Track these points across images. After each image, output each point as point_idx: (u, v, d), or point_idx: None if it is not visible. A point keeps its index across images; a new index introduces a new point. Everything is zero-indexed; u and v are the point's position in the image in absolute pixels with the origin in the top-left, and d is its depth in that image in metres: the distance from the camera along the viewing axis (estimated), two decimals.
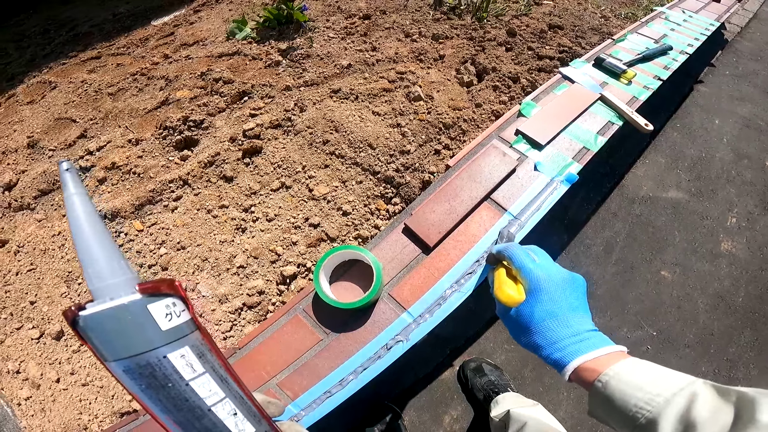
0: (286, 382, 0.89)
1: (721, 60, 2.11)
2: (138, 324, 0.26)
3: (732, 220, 1.65)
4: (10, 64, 2.40)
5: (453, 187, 1.06)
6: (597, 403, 0.47)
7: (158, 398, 0.26)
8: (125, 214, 1.24)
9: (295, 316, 0.94)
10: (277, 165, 1.24)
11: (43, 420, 1.11)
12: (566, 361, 0.49)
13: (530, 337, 0.53)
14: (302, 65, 1.60)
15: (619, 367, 0.45)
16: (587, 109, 1.33)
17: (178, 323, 0.27)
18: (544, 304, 0.53)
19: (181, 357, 0.27)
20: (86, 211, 0.27)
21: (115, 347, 0.25)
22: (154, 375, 0.26)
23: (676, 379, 0.43)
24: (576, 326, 0.51)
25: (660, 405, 0.40)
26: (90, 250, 0.26)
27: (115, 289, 0.26)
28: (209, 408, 0.28)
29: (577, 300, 0.54)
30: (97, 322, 0.24)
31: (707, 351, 1.37)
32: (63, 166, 0.29)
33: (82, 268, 0.26)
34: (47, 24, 2.74)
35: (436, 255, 0.97)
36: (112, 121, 1.57)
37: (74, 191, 0.28)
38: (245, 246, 1.10)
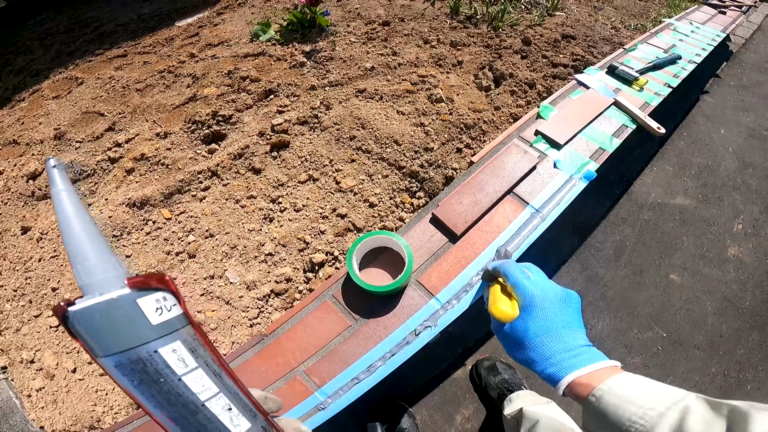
0: (314, 368, 0.90)
1: (726, 71, 2.17)
2: (128, 318, 0.25)
3: (738, 226, 1.68)
4: (34, 60, 2.44)
5: (478, 180, 1.09)
6: (591, 418, 0.47)
7: (151, 394, 0.26)
8: (154, 203, 1.27)
9: (325, 301, 0.96)
10: (305, 159, 1.27)
11: (54, 412, 1.09)
12: (560, 376, 0.49)
13: (525, 352, 0.54)
14: (326, 67, 1.64)
15: (612, 382, 0.45)
16: (602, 113, 1.37)
17: (169, 317, 0.27)
18: (538, 319, 0.54)
19: (172, 351, 0.27)
20: (74, 207, 0.27)
21: (106, 342, 0.24)
22: (145, 370, 0.25)
23: (669, 394, 0.43)
24: (570, 341, 0.51)
25: (653, 419, 0.40)
26: (79, 246, 0.26)
27: (105, 285, 0.25)
28: (203, 403, 0.28)
29: (572, 316, 0.55)
30: (87, 317, 0.24)
31: (716, 353, 1.38)
32: (50, 163, 0.29)
33: (71, 265, 0.26)
34: (71, 23, 2.80)
35: (463, 244, 0.99)
36: (140, 115, 1.61)
37: (62, 187, 0.28)
38: (273, 234, 1.13)
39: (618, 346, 1.41)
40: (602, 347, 1.38)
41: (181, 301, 0.29)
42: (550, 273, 1.59)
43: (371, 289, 0.87)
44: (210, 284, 1.10)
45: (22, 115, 1.92)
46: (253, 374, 0.91)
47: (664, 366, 1.36)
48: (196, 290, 1.11)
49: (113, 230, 1.25)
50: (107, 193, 1.36)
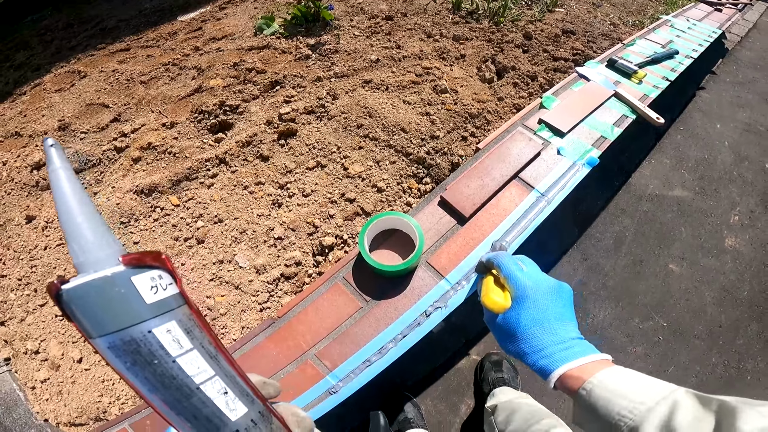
0: (325, 351, 0.90)
1: (722, 68, 2.22)
2: (122, 296, 0.25)
3: (735, 218, 1.71)
4: (34, 56, 2.43)
5: (484, 165, 1.11)
6: (581, 411, 0.47)
7: (144, 376, 0.25)
8: (162, 189, 1.27)
9: (335, 284, 0.96)
10: (312, 146, 1.28)
11: (59, 404, 1.08)
12: (551, 369, 0.49)
13: (516, 344, 0.53)
14: (331, 59, 1.66)
15: (603, 375, 0.45)
16: (603, 103, 1.40)
17: (164, 296, 0.27)
18: (530, 311, 0.53)
19: (167, 332, 0.26)
20: (71, 184, 0.27)
21: (99, 322, 0.24)
22: (139, 351, 0.25)
23: (659, 388, 0.43)
24: (562, 334, 0.51)
25: (642, 413, 0.40)
26: (75, 224, 0.26)
27: (99, 262, 0.25)
28: (198, 386, 0.27)
29: (564, 308, 0.55)
30: (81, 295, 0.24)
31: (716, 343, 1.41)
32: (48, 142, 0.28)
33: (67, 244, 0.26)
34: (70, 20, 2.79)
35: (471, 225, 1.01)
36: (145, 106, 1.61)
37: (59, 165, 0.27)
38: (283, 219, 1.14)
39: (620, 335, 1.43)
40: (604, 336, 1.41)
41: (177, 280, 0.28)
42: (552, 263, 1.61)
43: (383, 268, 0.88)
44: (219, 269, 1.11)
45: (25, 108, 1.92)
46: (264, 358, 0.91)
47: (666, 355, 1.38)
48: (206, 275, 1.11)
49: (121, 217, 1.25)
50: (114, 182, 1.36)
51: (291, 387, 0.88)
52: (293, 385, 0.88)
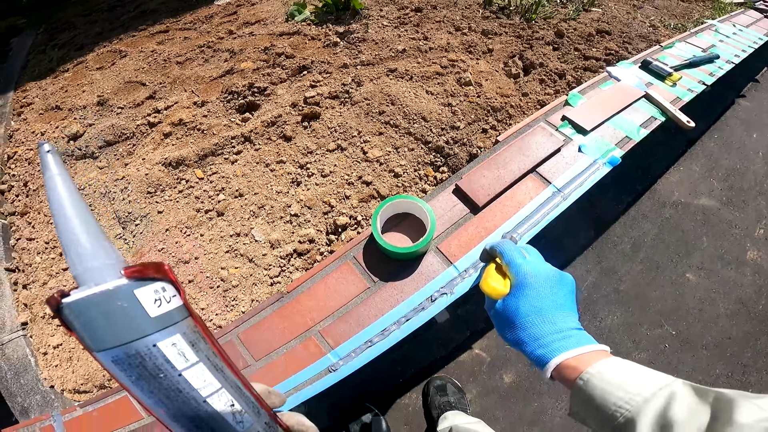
0: (329, 329, 0.93)
1: (766, 76, 2.12)
2: (125, 311, 0.24)
3: (760, 231, 1.65)
4: (78, 35, 2.56)
5: (502, 157, 1.11)
6: (578, 402, 0.46)
7: (150, 390, 0.25)
8: (189, 163, 1.33)
9: (346, 262, 0.99)
10: (334, 129, 1.32)
11: (67, 370, 1.11)
12: (548, 358, 0.49)
13: (515, 332, 0.53)
14: (358, 47, 1.69)
15: (600, 366, 0.45)
16: (632, 104, 1.37)
17: (168, 309, 0.26)
18: (529, 299, 0.53)
19: (172, 345, 0.26)
20: (69, 191, 0.26)
21: (102, 336, 0.23)
22: (144, 365, 0.24)
23: (656, 379, 0.42)
24: (560, 323, 0.51)
25: (639, 404, 0.40)
26: (72, 232, 0.25)
27: (100, 274, 0.24)
28: (204, 399, 0.27)
29: (564, 298, 0.54)
30: (82, 309, 0.23)
31: (723, 354, 1.38)
32: (44, 148, 0.28)
33: (64, 253, 0.25)
34: (114, 2, 2.92)
35: (484, 215, 1.02)
36: (179, 85, 1.68)
37: (56, 172, 0.27)
38: (300, 197, 1.18)
39: (626, 340, 1.42)
40: (610, 340, 1.39)
41: (180, 292, 0.28)
42: (566, 263, 1.59)
43: (393, 250, 0.89)
44: (236, 241, 1.16)
45: (66, 83, 2.03)
46: (271, 332, 0.95)
47: (670, 363, 1.37)
48: (222, 247, 1.16)
49: (148, 187, 1.32)
50: (144, 154, 1.44)
51: (292, 362, 0.91)
52: (295, 361, 0.91)
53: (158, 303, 0.26)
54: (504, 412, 1.29)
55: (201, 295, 1.11)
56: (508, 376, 1.34)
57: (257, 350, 0.94)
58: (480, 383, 1.35)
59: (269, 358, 0.93)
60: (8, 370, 1.15)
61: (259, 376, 0.91)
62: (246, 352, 0.94)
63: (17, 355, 1.17)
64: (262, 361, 0.93)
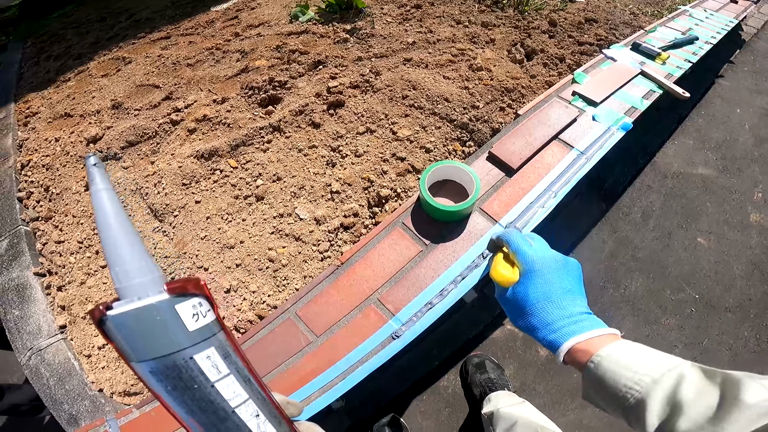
0: (388, 295, 0.98)
1: (740, 58, 2.36)
2: (165, 324, 0.26)
3: (758, 195, 1.82)
4: (72, 46, 2.59)
5: (527, 127, 1.23)
6: (589, 384, 0.49)
7: (183, 400, 0.27)
8: (221, 153, 1.40)
9: (396, 229, 1.07)
10: (361, 114, 1.41)
11: (115, 372, 1.10)
12: (560, 342, 0.51)
13: (525, 318, 0.56)
14: (368, 42, 1.80)
15: (611, 349, 0.47)
16: (631, 80, 1.52)
17: (205, 323, 0.28)
18: (538, 285, 0.55)
19: (207, 358, 0.27)
20: (114, 207, 0.28)
21: (142, 348, 0.25)
22: (180, 377, 0.26)
23: (665, 361, 0.44)
24: (570, 308, 0.53)
25: (648, 385, 0.41)
26: (117, 248, 0.27)
27: (143, 289, 0.26)
28: (233, 410, 0.28)
29: (571, 283, 0.56)
30: (125, 322, 0.24)
31: (747, 316, 1.49)
32: (90, 161, 0.29)
33: (108, 267, 0.27)
34: (102, 13, 2.97)
35: (519, 177, 1.13)
36: (195, 86, 1.75)
37: (102, 186, 0.28)
38: (338, 176, 1.26)
39: (653, 306, 1.52)
40: (637, 308, 1.51)
41: (214, 306, 0.30)
42: (582, 235, 1.71)
43: (445, 209, 0.98)
44: (279, 222, 1.23)
45: (72, 91, 2.06)
46: (329, 305, 0.98)
47: (699, 328, 1.46)
48: (266, 229, 1.23)
49: (183, 179, 1.38)
50: (172, 150, 1.49)
51: (355, 333, 0.94)
52: (357, 332, 0.94)
53: (196, 317, 0.27)
54: (544, 384, 1.36)
55: (250, 278, 1.17)
56: (544, 348, 1.42)
57: (317, 325, 0.97)
58: (516, 358, 1.42)
59: (331, 332, 0.95)
60: (50, 376, 1.12)
61: (323, 352, 0.93)
62: (306, 328, 0.97)
63: (58, 359, 1.15)
64: (323, 336, 0.95)
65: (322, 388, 0.90)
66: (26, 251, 1.45)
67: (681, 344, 1.43)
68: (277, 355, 0.95)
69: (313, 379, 0.91)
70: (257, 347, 0.96)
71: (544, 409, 1.07)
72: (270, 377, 0.92)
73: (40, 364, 1.16)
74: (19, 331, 1.26)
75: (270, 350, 0.96)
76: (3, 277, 1.42)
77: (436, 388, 1.38)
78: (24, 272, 1.40)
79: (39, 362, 1.17)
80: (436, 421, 1.32)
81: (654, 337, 1.44)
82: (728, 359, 1.39)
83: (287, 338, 0.97)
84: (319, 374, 0.91)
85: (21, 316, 1.30)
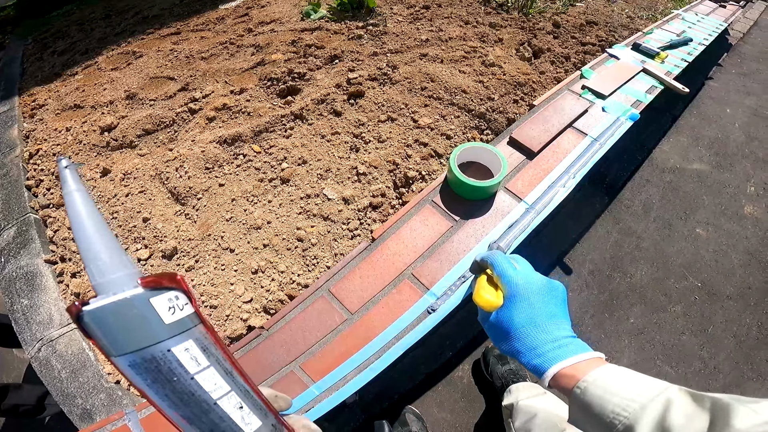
0: (422, 270, 1.01)
1: (728, 61, 2.51)
2: (141, 318, 0.26)
3: (751, 188, 1.93)
4: (77, 42, 2.60)
5: (543, 116, 1.31)
6: (576, 410, 0.48)
7: (164, 393, 0.27)
8: (245, 139, 1.43)
9: (426, 206, 1.12)
10: (381, 104, 1.47)
11: None
12: (545, 368, 0.51)
13: (510, 343, 0.55)
14: (381, 39, 1.87)
15: (597, 374, 0.47)
16: (634, 76, 1.62)
17: (182, 317, 0.28)
18: (522, 310, 0.56)
19: (185, 350, 0.28)
20: (87, 207, 0.28)
21: (120, 342, 0.25)
22: (159, 369, 0.27)
23: (652, 385, 0.44)
24: (554, 332, 0.53)
25: (636, 411, 0.41)
26: (92, 246, 0.27)
27: (118, 284, 0.27)
28: (215, 402, 0.29)
29: (556, 307, 0.57)
30: (102, 316, 0.25)
31: (748, 304, 1.58)
32: (62, 164, 0.29)
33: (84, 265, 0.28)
34: (107, 11, 2.99)
35: (539, 160, 1.20)
36: (211, 78, 1.79)
37: (74, 188, 0.29)
38: (363, 159, 1.31)
39: (659, 294, 1.60)
40: (644, 295, 1.58)
41: (192, 300, 0.30)
42: (587, 226, 1.79)
43: (476, 184, 1.03)
44: (307, 203, 1.26)
45: (81, 84, 2.07)
46: (362, 281, 1.01)
47: (704, 315, 1.54)
48: (294, 210, 1.26)
49: (206, 163, 1.40)
50: (193, 136, 1.52)
51: (390, 309, 0.96)
52: (392, 308, 0.97)
53: (172, 311, 0.28)
54: None
55: (279, 258, 1.20)
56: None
57: (352, 302, 0.99)
58: None
59: (365, 308, 0.98)
60: (62, 368, 1.10)
61: (358, 329, 0.95)
62: (340, 306, 0.99)
63: (71, 350, 1.12)
64: (358, 313, 0.97)
65: (359, 367, 0.91)
66: (36, 239, 1.44)
67: (688, 331, 1.50)
68: (311, 335, 0.96)
69: (349, 358, 0.92)
70: (289, 327, 0.97)
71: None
72: (304, 358, 0.93)
73: (51, 356, 1.14)
74: (28, 322, 1.24)
75: (303, 329, 0.97)
76: (11, 265, 1.41)
77: (451, 380, 1.41)
78: (34, 260, 1.39)
79: (50, 354, 1.15)
80: (452, 412, 1.35)
81: (662, 325, 1.51)
82: (733, 346, 1.46)
83: (321, 317, 0.98)
84: (355, 352, 0.92)
85: (30, 306, 1.28)
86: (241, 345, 0.98)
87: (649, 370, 1.38)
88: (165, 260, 1.28)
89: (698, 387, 1.53)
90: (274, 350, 0.95)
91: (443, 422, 1.33)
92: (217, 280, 1.19)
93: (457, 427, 1.31)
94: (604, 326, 1.49)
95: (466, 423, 1.32)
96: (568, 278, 1.63)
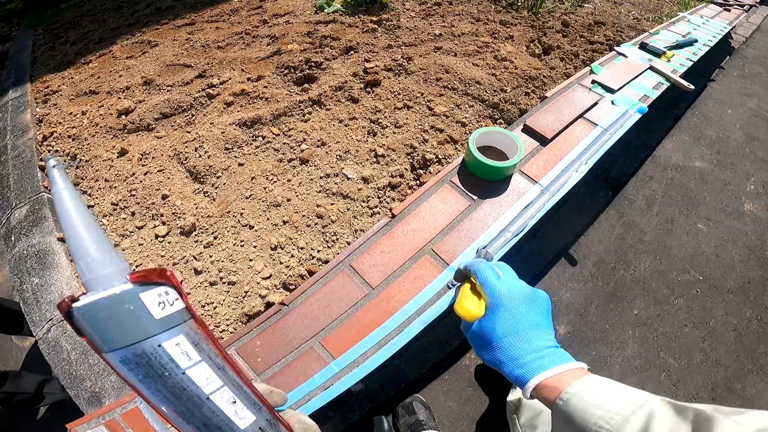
0: (441, 246, 1.05)
1: (730, 64, 2.59)
2: (131, 313, 0.26)
3: (751, 186, 1.99)
4: (90, 32, 2.65)
5: (555, 106, 1.36)
6: (559, 421, 0.48)
7: (156, 388, 0.27)
8: (264, 122, 1.48)
9: (444, 186, 1.17)
10: (397, 93, 1.52)
11: None
12: (527, 378, 0.50)
13: (492, 353, 0.55)
14: (395, 33, 1.93)
15: (579, 385, 0.46)
16: (641, 73, 1.69)
17: (172, 312, 0.28)
18: (505, 320, 0.55)
19: (176, 345, 0.28)
20: (75, 204, 0.29)
21: (111, 337, 0.26)
22: (150, 364, 0.27)
23: (635, 397, 0.44)
24: (537, 343, 0.53)
25: (618, 423, 0.41)
26: (81, 243, 0.28)
27: (107, 280, 0.27)
28: (207, 396, 0.29)
29: (539, 317, 0.56)
30: (91, 312, 0.25)
31: (748, 298, 1.63)
32: (50, 163, 0.29)
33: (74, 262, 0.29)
34: (119, 2, 3.04)
35: (552, 146, 1.25)
36: (227, 65, 1.83)
37: (63, 186, 0.29)
38: (381, 142, 1.36)
39: (661, 286, 1.65)
40: (647, 287, 1.62)
41: (182, 295, 0.30)
42: (592, 219, 1.84)
43: (494, 165, 1.08)
44: (326, 182, 1.31)
45: (95, 72, 2.12)
46: (383, 256, 1.04)
47: (705, 308, 1.59)
48: (313, 188, 1.31)
49: (225, 144, 1.45)
50: (212, 119, 1.56)
51: (411, 284, 0.99)
52: (413, 282, 0.99)
53: (162, 306, 0.28)
54: None
55: (298, 234, 1.24)
56: (562, 327, 1.51)
57: (373, 277, 1.01)
58: None
59: (387, 283, 1.00)
60: (72, 350, 1.10)
61: (379, 304, 0.97)
62: (361, 280, 1.01)
63: None
64: (378, 288, 1.00)
65: (379, 343, 0.93)
66: (49, 217, 1.47)
67: (690, 324, 1.55)
68: (332, 309, 0.98)
69: (370, 333, 0.93)
70: (310, 302, 0.99)
71: None
72: (324, 333, 0.95)
73: (60, 337, 1.15)
74: (37, 301, 1.25)
75: (324, 304, 0.99)
76: (21, 243, 1.42)
77: (458, 368, 1.44)
78: (46, 238, 1.40)
79: (60, 334, 1.15)
80: (459, 401, 1.37)
81: (665, 317, 1.56)
82: (734, 339, 1.51)
83: (342, 291, 1.00)
84: (376, 327, 0.94)
85: (41, 284, 1.28)
86: (261, 320, 0.99)
87: (653, 361, 1.44)
88: (183, 237, 1.31)
89: (701, 380, 1.55)
90: (294, 326, 0.96)
91: (450, 411, 1.35)
92: (236, 256, 1.23)
93: (464, 416, 1.34)
94: (608, 316, 1.53)
95: (473, 413, 1.34)
96: (573, 269, 1.67)
